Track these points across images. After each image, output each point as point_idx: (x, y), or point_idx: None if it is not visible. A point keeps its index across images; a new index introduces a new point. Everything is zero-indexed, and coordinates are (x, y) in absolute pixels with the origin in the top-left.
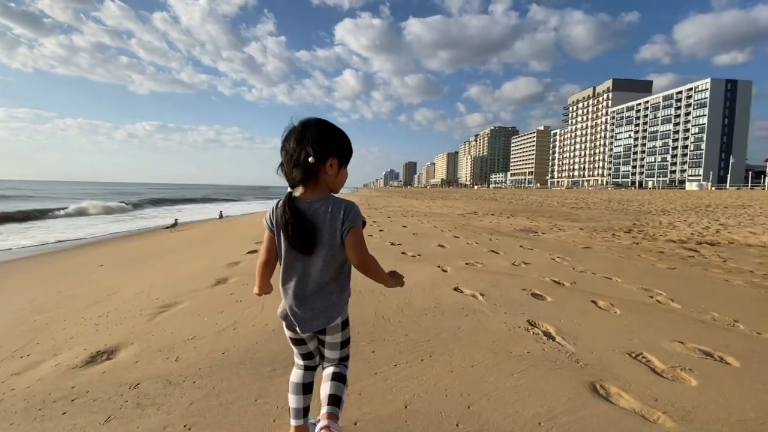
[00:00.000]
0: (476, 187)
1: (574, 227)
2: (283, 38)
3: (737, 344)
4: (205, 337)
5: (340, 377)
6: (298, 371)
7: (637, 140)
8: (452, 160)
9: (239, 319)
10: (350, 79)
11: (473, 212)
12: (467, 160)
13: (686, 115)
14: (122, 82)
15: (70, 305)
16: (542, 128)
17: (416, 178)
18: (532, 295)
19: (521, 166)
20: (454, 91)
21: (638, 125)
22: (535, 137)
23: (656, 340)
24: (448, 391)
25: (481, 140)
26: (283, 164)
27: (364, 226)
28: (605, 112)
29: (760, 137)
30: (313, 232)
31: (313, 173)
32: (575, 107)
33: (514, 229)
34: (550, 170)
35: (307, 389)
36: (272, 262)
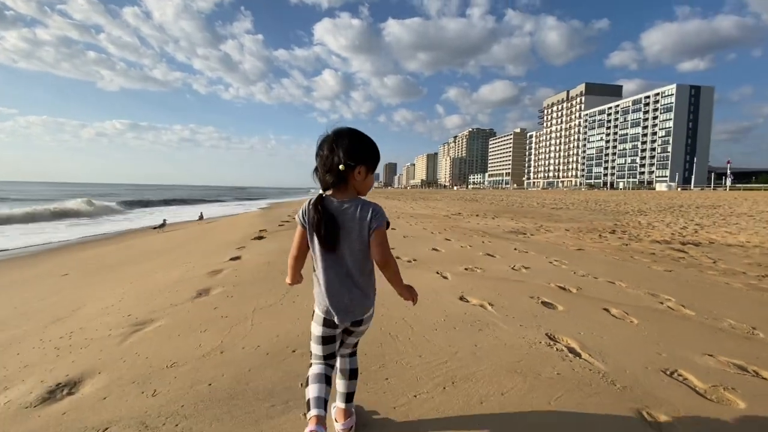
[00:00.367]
0: (456, 187)
1: (559, 228)
2: (260, 36)
3: (766, 355)
4: (187, 363)
5: (355, 374)
6: (319, 365)
7: (608, 143)
8: (432, 161)
9: (226, 339)
10: (329, 79)
11: (458, 213)
12: (446, 161)
13: (654, 119)
14: (90, 78)
15: (25, 324)
16: (518, 130)
17: (396, 178)
18: (542, 303)
19: (499, 167)
20: (432, 92)
21: (609, 128)
22: (511, 139)
23: (685, 353)
24: (483, 428)
25: (459, 142)
26: (317, 168)
27: (387, 227)
28: (578, 115)
29: (720, 141)
30: (341, 229)
31: (343, 178)
32: (550, 110)
33: (502, 230)
34: (526, 171)
35: (328, 381)
36: (302, 256)
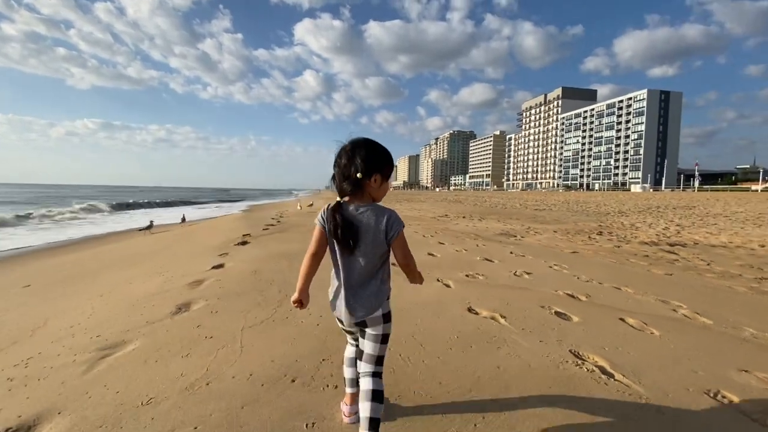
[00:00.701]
0: (438, 189)
1: (547, 230)
2: (239, 36)
3: None
4: (166, 398)
5: (378, 396)
6: (351, 348)
7: (584, 145)
8: (413, 162)
9: (213, 366)
10: (311, 79)
11: (444, 215)
12: (428, 162)
13: (627, 122)
14: (60, 75)
15: None
16: (498, 133)
17: None
18: (555, 314)
19: (479, 169)
20: (414, 94)
21: (585, 131)
22: (491, 141)
23: (720, 370)
24: None
25: (441, 143)
26: (334, 177)
27: (402, 231)
28: (556, 118)
29: (688, 144)
30: (357, 233)
31: (359, 186)
32: (528, 113)
33: (493, 233)
34: (505, 173)
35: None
36: (320, 253)
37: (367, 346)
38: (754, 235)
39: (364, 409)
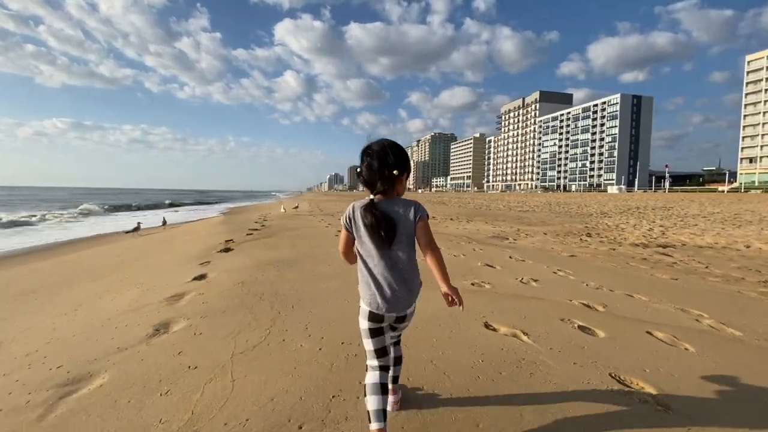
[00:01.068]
0: (420, 191)
1: (537, 232)
2: (218, 35)
3: None
4: None
5: (400, 360)
6: (375, 373)
7: (561, 148)
8: None
9: (199, 408)
10: (291, 80)
11: (432, 217)
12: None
13: (601, 125)
14: (27, 73)
15: None
16: (478, 135)
17: None
18: (579, 328)
19: (460, 170)
20: (395, 97)
21: (562, 134)
22: (472, 144)
23: None
24: None
25: (422, 146)
26: (363, 176)
27: (428, 218)
28: (533, 121)
29: (658, 146)
30: (394, 228)
31: (392, 183)
32: (507, 116)
33: (485, 236)
34: (486, 175)
35: (385, 390)
36: (351, 252)
37: (393, 335)
38: (736, 235)
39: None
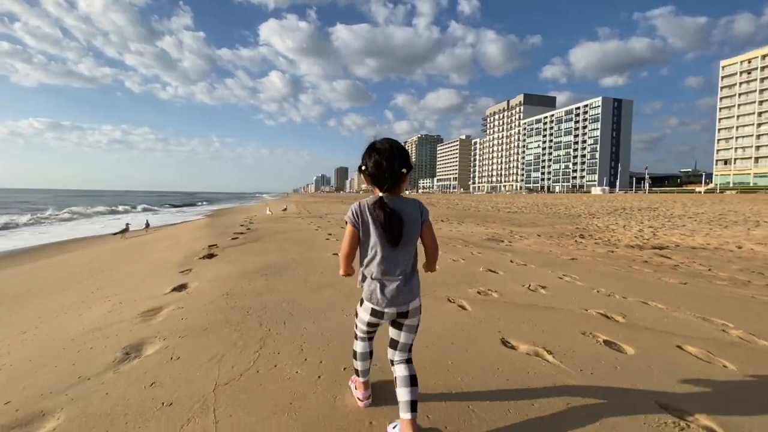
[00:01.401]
0: (407, 192)
1: (530, 233)
2: (201, 34)
3: None
4: None
5: (415, 381)
6: (363, 343)
7: (545, 149)
8: None
9: None
10: (277, 81)
11: None
12: None
13: (584, 128)
14: (3, 71)
15: None
16: (464, 137)
17: (348, 183)
18: (604, 344)
19: (446, 172)
20: (381, 98)
21: (545, 136)
22: (458, 145)
23: None
24: None
25: (409, 147)
26: (371, 173)
27: None
28: (518, 123)
29: (638, 149)
30: (403, 224)
31: (399, 181)
32: (493, 118)
33: (479, 238)
34: (471, 176)
35: (371, 355)
36: (353, 254)
37: (403, 336)
38: (725, 236)
39: (404, 393)
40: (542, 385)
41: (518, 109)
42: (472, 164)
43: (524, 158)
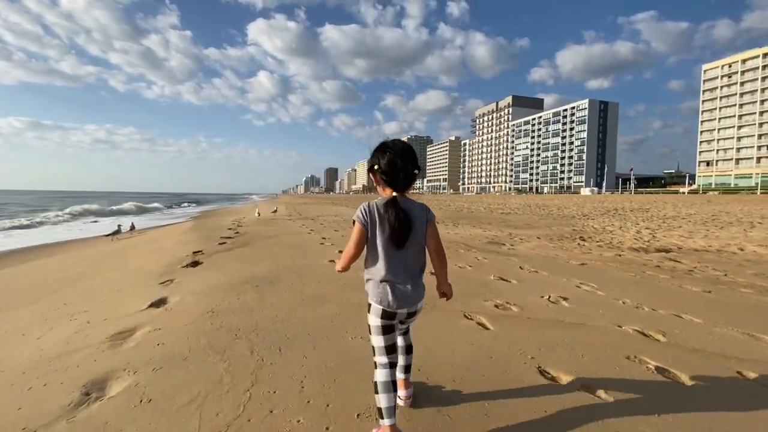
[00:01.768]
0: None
1: (530, 236)
2: (188, 33)
3: None
4: None
5: (411, 349)
6: (384, 370)
7: (533, 151)
8: None
9: None
10: (265, 81)
11: None
12: None
13: (571, 129)
14: None
15: None
16: (453, 138)
17: (338, 183)
18: (656, 371)
19: (436, 173)
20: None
21: (534, 137)
22: (447, 146)
23: None
24: None
25: None
26: (386, 173)
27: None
28: (507, 125)
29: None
30: (412, 225)
31: (412, 181)
32: (481, 120)
33: (480, 241)
34: (461, 177)
35: (395, 386)
36: (359, 255)
37: (403, 328)
38: (724, 237)
39: (401, 360)
40: None
41: (507, 110)
42: (461, 165)
43: (513, 159)
